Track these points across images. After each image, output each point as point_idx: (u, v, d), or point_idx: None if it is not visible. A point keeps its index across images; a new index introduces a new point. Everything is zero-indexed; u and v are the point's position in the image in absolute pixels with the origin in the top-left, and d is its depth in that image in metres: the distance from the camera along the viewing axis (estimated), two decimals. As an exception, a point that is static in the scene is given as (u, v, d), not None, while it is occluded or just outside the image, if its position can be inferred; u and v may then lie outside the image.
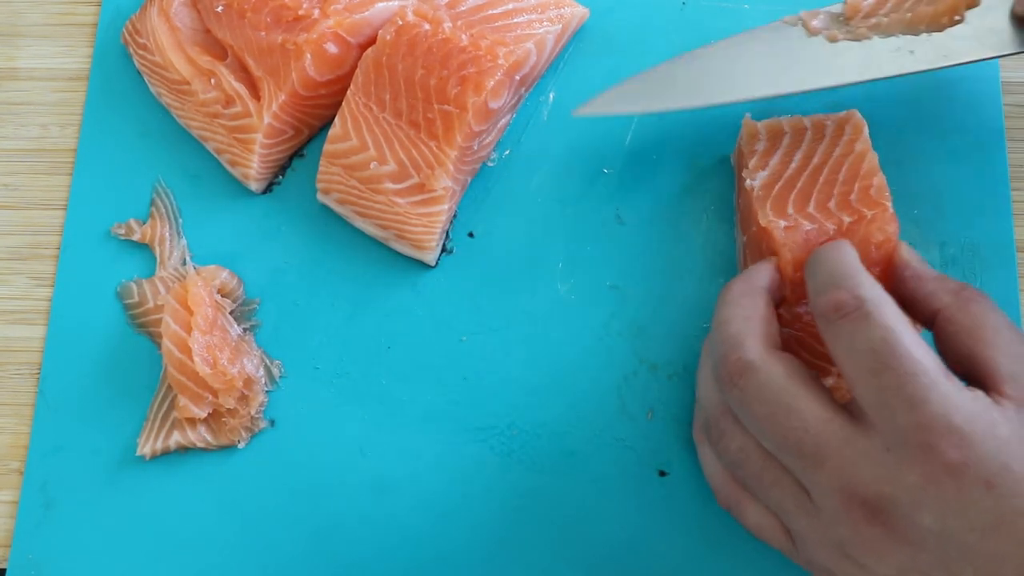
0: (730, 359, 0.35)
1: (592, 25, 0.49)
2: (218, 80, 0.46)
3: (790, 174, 0.42)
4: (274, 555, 0.43)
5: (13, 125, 0.50)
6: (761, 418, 0.34)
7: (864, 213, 0.40)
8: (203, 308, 0.43)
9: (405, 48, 0.43)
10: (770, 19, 0.49)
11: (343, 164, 0.44)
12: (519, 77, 0.44)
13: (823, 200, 0.41)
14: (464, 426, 0.44)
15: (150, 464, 0.44)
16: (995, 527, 0.31)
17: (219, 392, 0.43)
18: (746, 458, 0.36)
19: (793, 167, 0.42)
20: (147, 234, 0.47)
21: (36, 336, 0.46)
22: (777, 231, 0.40)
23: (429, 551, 0.43)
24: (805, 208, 0.41)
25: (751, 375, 0.35)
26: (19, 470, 0.45)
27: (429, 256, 0.45)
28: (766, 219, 0.40)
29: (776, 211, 0.41)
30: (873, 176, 0.41)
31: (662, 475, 0.43)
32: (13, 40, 0.51)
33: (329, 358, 0.45)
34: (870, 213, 0.40)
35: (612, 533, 0.43)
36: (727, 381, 0.35)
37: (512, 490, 0.43)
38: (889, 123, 0.47)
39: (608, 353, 0.45)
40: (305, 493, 0.43)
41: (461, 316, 0.46)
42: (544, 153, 0.48)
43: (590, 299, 0.46)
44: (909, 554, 0.32)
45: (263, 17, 0.45)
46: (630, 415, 0.44)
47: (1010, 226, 0.46)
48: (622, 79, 0.43)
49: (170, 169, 0.48)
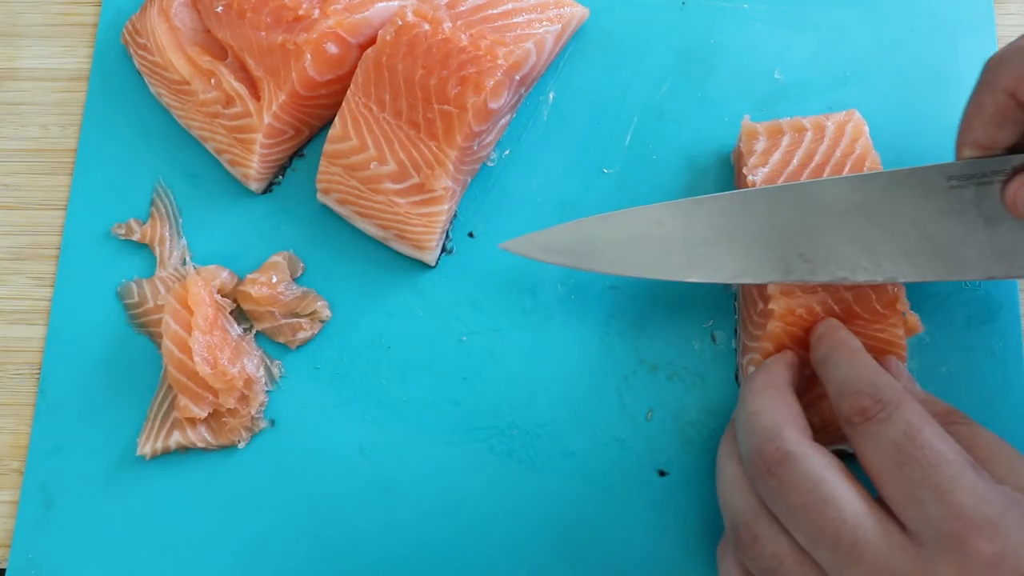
0: (767, 450, 0.35)
1: (592, 25, 0.49)
2: (218, 80, 0.46)
3: (791, 171, 0.42)
4: (274, 555, 0.43)
5: (13, 125, 0.50)
6: (798, 508, 0.34)
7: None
8: (203, 308, 0.43)
9: (405, 48, 0.43)
10: (770, 19, 0.50)
11: (343, 164, 0.44)
12: (519, 77, 0.44)
13: None
14: (464, 426, 0.44)
15: (150, 464, 0.44)
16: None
17: (219, 392, 0.42)
18: (779, 565, 0.35)
19: (794, 165, 0.42)
20: (147, 234, 0.47)
21: (36, 336, 0.46)
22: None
23: (429, 551, 0.43)
24: None
25: (789, 464, 0.34)
26: (19, 470, 0.45)
27: (429, 256, 0.45)
28: None
29: None
30: None
31: (662, 475, 0.43)
32: (13, 40, 0.51)
33: (329, 358, 0.45)
34: None
35: (612, 533, 0.43)
36: (764, 472, 0.35)
37: (512, 490, 0.43)
38: (889, 123, 0.47)
39: (608, 353, 0.45)
40: (305, 493, 0.43)
41: (461, 316, 0.46)
42: (544, 153, 0.48)
43: (590, 299, 0.46)
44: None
45: (263, 17, 0.45)
46: (630, 415, 0.44)
47: (1010, 226, 0.46)
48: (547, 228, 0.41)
49: (170, 169, 0.48)
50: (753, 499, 0.36)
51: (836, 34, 0.49)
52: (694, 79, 0.49)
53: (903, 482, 0.33)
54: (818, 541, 0.33)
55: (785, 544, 0.35)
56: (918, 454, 0.33)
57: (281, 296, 0.45)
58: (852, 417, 0.35)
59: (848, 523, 0.33)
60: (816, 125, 0.43)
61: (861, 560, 0.32)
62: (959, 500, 0.32)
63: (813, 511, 0.33)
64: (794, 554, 0.34)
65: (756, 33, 0.49)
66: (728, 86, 0.48)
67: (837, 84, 0.48)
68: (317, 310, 0.45)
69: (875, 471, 0.34)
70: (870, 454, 0.34)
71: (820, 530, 0.33)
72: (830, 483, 0.34)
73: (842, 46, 0.49)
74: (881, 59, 0.49)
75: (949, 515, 0.31)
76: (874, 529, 0.33)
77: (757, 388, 0.37)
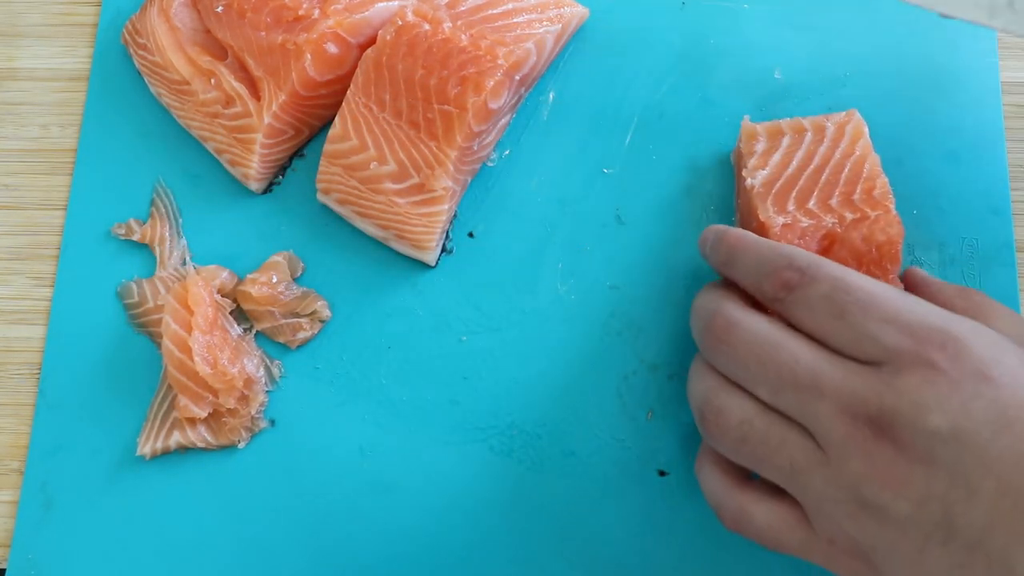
0: (714, 325, 0.37)
1: (592, 25, 0.49)
2: (218, 80, 0.46)
3: (791, 173, 0.42)
4: (274, 555, 0.43)
5: (13, 125, 0.50)
6: (753, 361, 0.35)
7: (868, 213, 0.40)
8: (203, 308, 0.43)
9: (405, 48, 0.43)
10: (770, 19, 0.50)
11: (343, 164, 0.44)
12: (519, 77, 0.44)
13: (824, 198, 0.41)
14: (464, 426, 0.44)
15: (150, 464, 0.44)
16: (1005, 423, 0.30)
17: (219, 392, 0.43)
18: (749, 428, 0.35)
19: (794, 167, 0.42)
20: (147, 234, 0.47)
21: (36, 336, 0.46)
22: (774, 228, 0.40)
23: (429, 551, 0.43)
24: (806, 205, 0.41)
25: (736, 328, 0.36)
26: (19, 470, 0.45)
27: (429, 256, 0.45)
28: (766, 214, 0.40)
29: (777, 207, 0.41)
30: (876, 178, 0.41)
31: (662, 475, 0.43)
32: (13, 40, 0.51)
33: (329, 358, 0.45)
34: (874, 214, 0.40)
35: (612, 533, 0.43)
36: (715, 344, 0.36)
37: (512, 490, 0.43)
38: (889, 123, 0.47)
39: (608, 353, 0.45)
40: (305, 493, 0.44)
41: (461, 316, 0.46)
42: (544, 153, 0.48)
43: (590, 299, 0.46)
44: (924, 477, 0.31)
45: (263, 17, 0.45)
46: (630, 415, 0.44)
47: (1010, 226, 0.46)
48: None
49: (170, 169, 0.48)
50: (711, 377, 0.37)
51: (836, 34, 0.49)
52: (694, 79, 0.49)
53: (846, 328, 0.33)
54: (778, 387, 0.34)
55: (749, 406, 0.36)
56: (852, 298, 0.33)
57: (281, 296, 0.45)
58: (778, 293, 0.36)
59: (802, 362, 0.34)
60: (816, 126, 0.43)
61: (823, 392, 0.33)
62: (905, 320, 0.32)
63: (768, 359, 0.35)
64: (760, 413, 0.35)
65: (756, 33, 0.49)
66: (728, 86, 0.48)
67: (837, 84, 0.48)
68: (317, 310, 0.45)
69: (818, 332, 0.34)
70: (807, 319, 0.35)
71: (778, 375, 0.34)
72: (777, 334, 0.35)
73: (842, 46, 0.49)
74: (881, 59, 0.49)
75: (900, 335, 0.32)
76: (830, 363, 0.34)
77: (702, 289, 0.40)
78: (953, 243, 0.46)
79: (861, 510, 0.33)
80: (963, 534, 0.31)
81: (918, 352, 0.32)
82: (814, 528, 0.35)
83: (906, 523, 0.32)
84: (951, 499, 0.31)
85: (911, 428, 0.31)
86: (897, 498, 0.32)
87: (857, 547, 0.34)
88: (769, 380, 0.35)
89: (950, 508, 0.31)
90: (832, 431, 0.33)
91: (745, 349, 0.35)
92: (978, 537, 0.30)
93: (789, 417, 0.34)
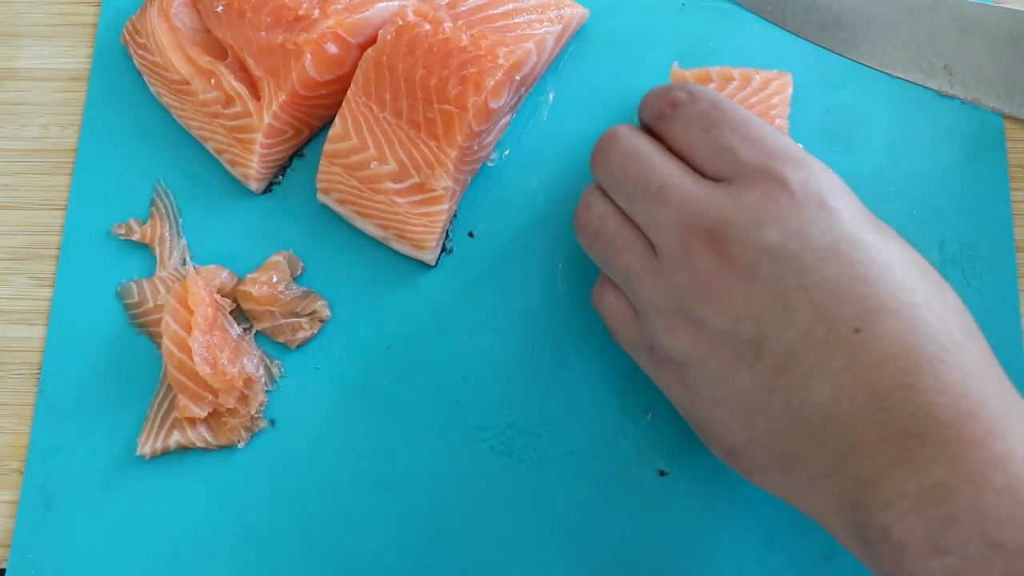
0: (601, 138, 0.39)
1: (592, 25, 0.49)
2: (218, 80, 0.46)
3: None
4: (274, 555, 0.43)
5: (13, 125, 0.50)
6: (617, 168, 0.37)
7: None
8: (203, 308, 0.43)
9: (405, 48, 0.43)
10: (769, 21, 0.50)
11: (343, 164, 0.44)
12: (519, 77, 0.44)
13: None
14: (464, 426, 0.44)
15: (150, 464, 0.44)
16: (833, 251, 0.31)
17: (219, 392, 0.43)
18: (602, 225, 0.38)
19: None
20: (147, 234, 0.47)
21: (36, 336, 0.46)
22: None
23: (429, 551, 0.43)
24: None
25: (616, 140, 0.38)
26: (19, 470, 0.45)
27: (429, 256, 0.45)
28: None
29: None
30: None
31: (662, 475, 0.43)
32: (13, 40, 0.51)
33: (329, 358, 0.45)
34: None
35: (612, 533, 0.43)
36: (594, 156, 0.39)
37: (512, 490, 0.43)
38: (889, 123, 0.47)
39: (608, 353, 0.45)
40: (305, 493, 0.43)
41: (461, 316, 0.46)
42: (544, 153, 0.48)
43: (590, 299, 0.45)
44: (744, 294, 0.32)
45: (263, 17, 0.45)
46: (630, 415, 0.44)
47: (1010, 226, 0.46)
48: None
49: (170, 169, 0.48)
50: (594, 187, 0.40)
51: (836, 34, 0.49)
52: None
53: (711, 141, 0.35)
54: (632, 194, 0.36)
55: (610, 206, 0.38)
56: (724, 116, 0.35)
57: (281, 296, 0.45)
58: (663, 110, 0.38)
59: (656, 171, 0.36)
60: (744, 76, 0.44)
61: (668, 202, 0.35)
62: (768, 143, 0.34)
63: (628, 167, 0.37)
64: (616, 214, 0.38)
65: (756, 33, 0.49)
66: (728, 86, 0.48)
67: (837, 84, 0.48)
68: (317, 310, 0.45)
69: (687, 147, 0.36)
70: (681, 135, 0.37)
71: (633, 182, 0.37)
72: (646, 147, 0.37)
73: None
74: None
75: (758, 154, 0.34)
76: (681, 177, 0.35)
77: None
78: (953, 243, 0.46)
79: (681, 323, 0.34)
80: (772, 356, 0.32)
81: (768, 170, 0.33)
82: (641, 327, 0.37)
83: (720, 339, 0.33)
84: (766, 319, 0.32)
85: (742, 241, 0.33)
86: (715, 313, 0.33)
87: (672, 360, 0.35)
88: (626, 187, 0.37)
89: (764, 328, 0.32)
90: (668, 240, 0.34)
91: (616, 160, 0.38)
92: (785, 361, 0.32)
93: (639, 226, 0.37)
